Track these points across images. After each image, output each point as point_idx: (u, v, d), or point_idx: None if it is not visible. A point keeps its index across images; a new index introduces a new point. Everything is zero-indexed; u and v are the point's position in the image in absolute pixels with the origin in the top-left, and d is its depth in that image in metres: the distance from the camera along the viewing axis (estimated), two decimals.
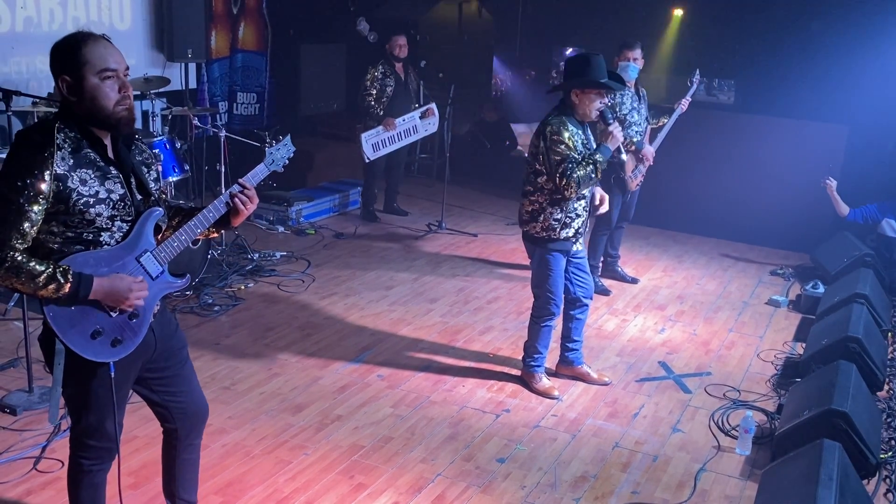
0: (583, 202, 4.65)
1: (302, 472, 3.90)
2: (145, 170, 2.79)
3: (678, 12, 9.04)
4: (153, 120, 6.80)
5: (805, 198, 7.69)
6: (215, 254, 6.41)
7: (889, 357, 5.39)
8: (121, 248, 2.65)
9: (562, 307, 4.83)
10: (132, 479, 3.72)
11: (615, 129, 4.53)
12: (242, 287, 6.22)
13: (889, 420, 4.58)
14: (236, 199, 2.83)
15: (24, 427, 4.09)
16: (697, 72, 6.82)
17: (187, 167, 6.44)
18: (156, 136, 6.21)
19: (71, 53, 2.53)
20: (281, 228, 7.77)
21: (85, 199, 2.54)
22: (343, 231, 7.86)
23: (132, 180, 2.69)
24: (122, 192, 2.63)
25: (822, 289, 6.41)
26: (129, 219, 2.67)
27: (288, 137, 3.10)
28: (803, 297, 6.44)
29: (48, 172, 2.47)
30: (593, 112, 4.52)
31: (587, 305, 4.94)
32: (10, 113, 4.43)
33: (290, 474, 3.88)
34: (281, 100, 9.77)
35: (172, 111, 7.03)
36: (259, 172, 2.95)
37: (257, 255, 6.84)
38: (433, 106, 8.25)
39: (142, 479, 3.70)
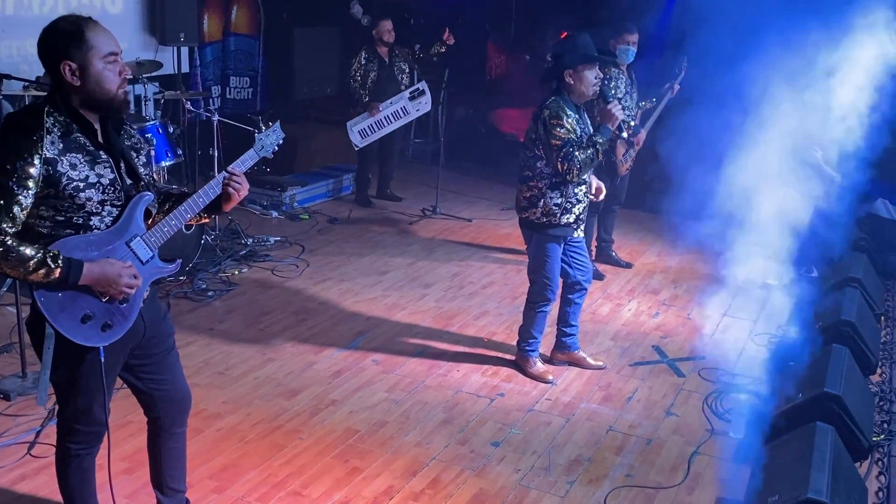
0: (583, 188, 4.61)
1: (297, 456, 3.91)
2: (134, 154, 2.78)
3: None
4: (145, 104, 6.76)
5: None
6: (209, 239, 6.39)
7: (882, 341, 5.41)
8: (111, 232, 2.64)
9: (558, 293, 4.83)
10: (126, 465, 3.72)
11: (614, 107, 4.45)
12: (236, 272, 6.20)
13: (881, 403, 4.61)
14: (228, 185, 2.83)
15: (18, 412, 4.08)
16: (686, 58, 6.79)
17: (180, 151, 6.40)
18: (148, 121, 6.17)
19: (77, 38, 2.52)
20: (275, 213, 7.75)
21: (75, 183, 2.53)
22: (337, 216, 7.84)
23: (122, 165, 2.68)
24: (112, 176, 2.63)
25: (815, 273, 6.42)
26: (119, 203, 2.66)
27: (277, 124, 3.09)
28: (797, 281, 6.45)
29: (38, 156, 2.46)
30: (591, 89, 4.47)
31: (586, 289, 4.93)
32: (0, 97, 4.39)
33: (284, 459, 3.88)
34: (274, 84, 9.70)
35: (165, 95, 6.97)
36: (248, 158, 2.95)
37: (251, 240, 6.82)
38: (423, 86, 8.17)
39: (136, 463, 3.69)
